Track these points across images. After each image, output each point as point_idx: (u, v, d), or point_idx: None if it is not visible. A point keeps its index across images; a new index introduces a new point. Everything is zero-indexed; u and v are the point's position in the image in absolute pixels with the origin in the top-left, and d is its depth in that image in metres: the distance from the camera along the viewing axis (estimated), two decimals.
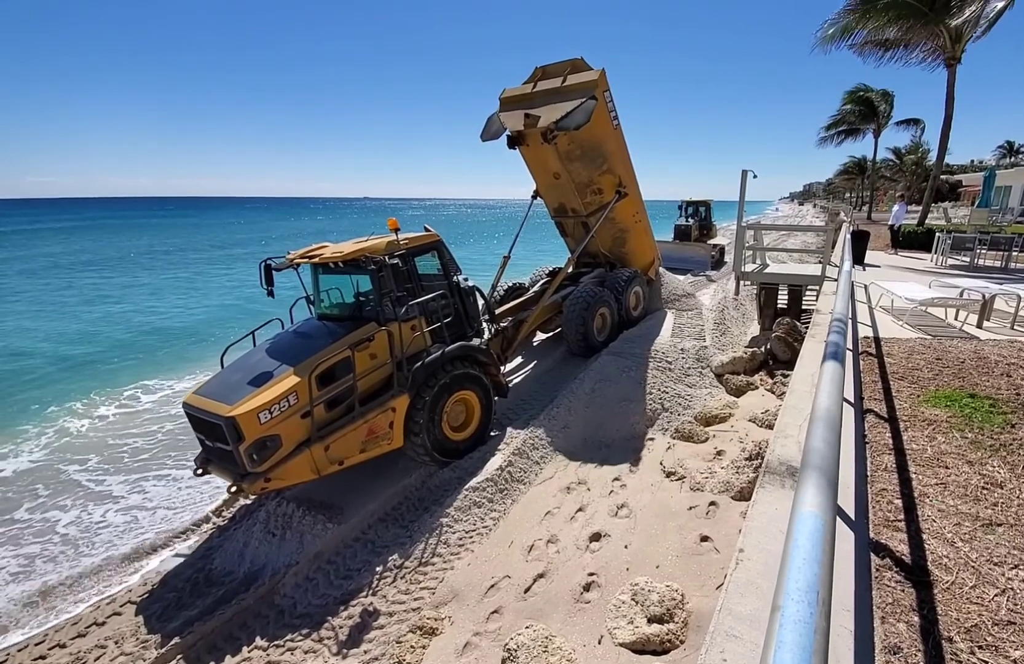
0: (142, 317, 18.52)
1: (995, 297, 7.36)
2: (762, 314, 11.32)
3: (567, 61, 9.37)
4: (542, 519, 5.48)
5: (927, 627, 2.26)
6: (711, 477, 5.55)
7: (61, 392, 11.09)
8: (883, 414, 4.36)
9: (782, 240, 28.68)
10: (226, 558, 5.62)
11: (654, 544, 4.67)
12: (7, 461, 8.14)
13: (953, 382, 4.99)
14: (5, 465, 8.00)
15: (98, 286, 24.74)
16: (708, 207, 21.72)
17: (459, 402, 6.67)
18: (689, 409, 7.58)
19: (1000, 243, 12.37)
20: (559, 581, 4.48)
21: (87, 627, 4.91)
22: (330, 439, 5.46)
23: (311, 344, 5.76)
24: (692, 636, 3.63)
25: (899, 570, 2.60)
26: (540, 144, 8.75)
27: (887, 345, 6.23)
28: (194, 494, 6.97)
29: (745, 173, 10.50)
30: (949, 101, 16.10)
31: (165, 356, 13.99)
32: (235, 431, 4.90)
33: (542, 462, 6.60)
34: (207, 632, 4.65)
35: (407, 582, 4.88)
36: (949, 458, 3.62)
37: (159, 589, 5.33)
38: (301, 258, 6.17)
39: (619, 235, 11.03)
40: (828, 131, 33.07)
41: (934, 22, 14.71)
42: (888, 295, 8.19)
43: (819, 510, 1.56)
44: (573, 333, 9.41)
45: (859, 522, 2.98)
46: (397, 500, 6.10)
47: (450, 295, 6.96)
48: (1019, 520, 2.94)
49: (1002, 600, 2.39)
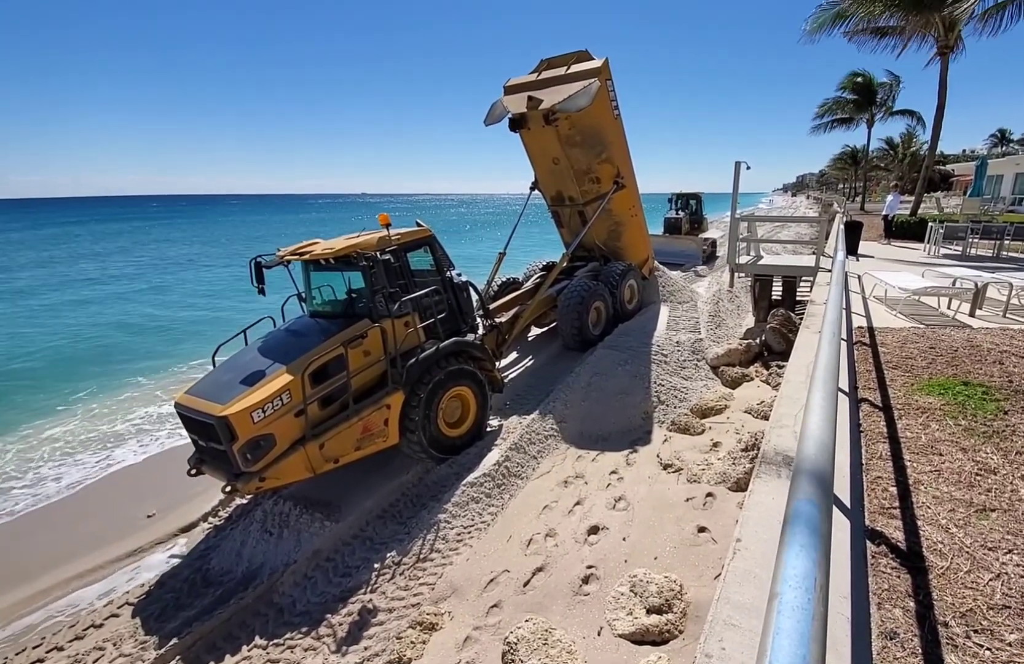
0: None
1: (987, 286, 7.40)
2: (757, 306, 11.35)
3: (572, 53, 9.41)
4: (540, 513, 5.48)
5: (923, 612, 2.27)
6: (708, 468, 5.57)
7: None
8: (877, 403, 4.38)
9: (776, 232, 28.78)
10: (224, 558, 5.60)
11: (652, 536, 4.69)
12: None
13: (946, 370, 5.02)
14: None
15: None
16: (699, 200, 21.58)
17: (455, 398, 6.65)
18: (685, 401, 7.61)
19: (992, 232, 12.44)
20: (558, 574, 4.49)
21: (84, 629, 4.89)
22: (325, 437, 5.44)
23: (304, 342, 5.73)
24: (691, 626, 3.65)
25: (895, 557, 2.62)
26: (542, 127, 8.84)
27: (881, 334, 6.27)
28: (190, 494, 6.93)
29: (738, 165, 10.51)
30: (942, 90, 16.13)
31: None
32: (228, 431, 4.86)
33: (539, 456, 6.60)
34: (206, 632, 4.64)
35: (406, 578, 4.88)
36: (943, 445, 3.64)
37: (157, 590, 5.31)
38: (292, 255, 6.12)
39: (615, 228, 11.02)
40: (822, 117, 33.02)
41: (928, 11, 14.71)
42: (882, 285, 8.23)
43: (815, 498, 1.56)
44: (568, 327, 9.41)
45: (855, 510, 2.99)
46: (394, 497, 6.09)
47: (443, 290, 6.94)
48: (1012, 506, 2.97)
49: (996, 585, 2.41)
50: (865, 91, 30.60)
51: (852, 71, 30.62)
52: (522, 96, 8.90)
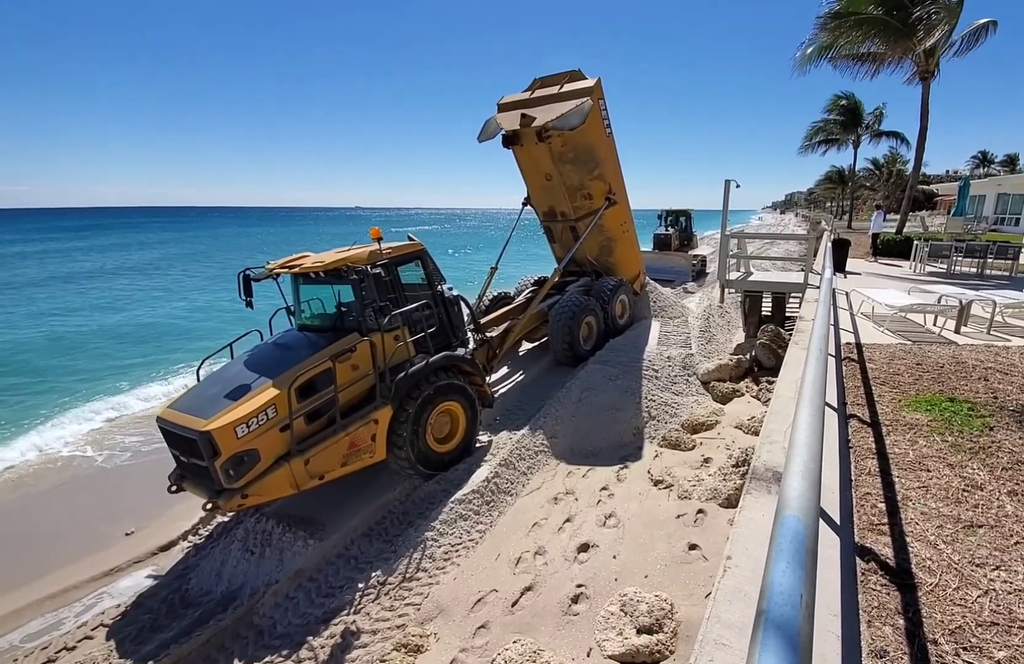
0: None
1: (971, 303, 7.51)
2: (747, 321, 11.43)
3: (565, 72, 9.55)
4: (529, 531, 5.40)
5: (912, 630, 2.25)
6: (698, 485, 5.53)
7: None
8: (866, 419, 4.39)
9: (765, 248, 29.15)
10: (203, 578, 5.45)
11: (643, 553, 4.63)
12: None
13: (933, 387, 5.05)
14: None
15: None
16: (688, 217, 21.82)
17: (444, 413, 6.58)
18: (676, 417, 7.59)
19: (975, 250, 12.68)
20: (547, 593, 4.41)
21: (57, 652, 4.73)
22: (310, 453, 5.34)
23: (291, 355, 5.66)
24: (682, 646, 3.58)
25: (884, 573, 2.59)
26: (534, 144, 8.95)
27: (869, 351, 6.31)
28: (169, 511, 6.76)
29: (728, 183, 10.66)
30: (924, 113, 16.59)
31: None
32: (210, 446, 4.76)
33: (529, 473, 6.53)
34: (183, 655, 4.50)
35: (391, 599, 4.77)
36: (930, 461, 3.64)
37: (133, 611, 5.15)
38: (281, 268, 6.07)
39: (606, 243, 11.10)
40: (810, 140, 33.80)
41: (906, 38, 15.16)
42: (869, 302, 8.32)
43: (801, 513, 1.54)
44: (559, 342, 9.41)
45: (844, 526, 2.97)
46: (380, 514, 5.98)
47: (434, 305, 6.90)
48: (999, 521, 2.96)
49: (985, 601, 2.39)
50: (851, 113, 31.41)
51: (836, 94, 31.50)
52: (515, 114, 9.01)
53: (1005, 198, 25.22)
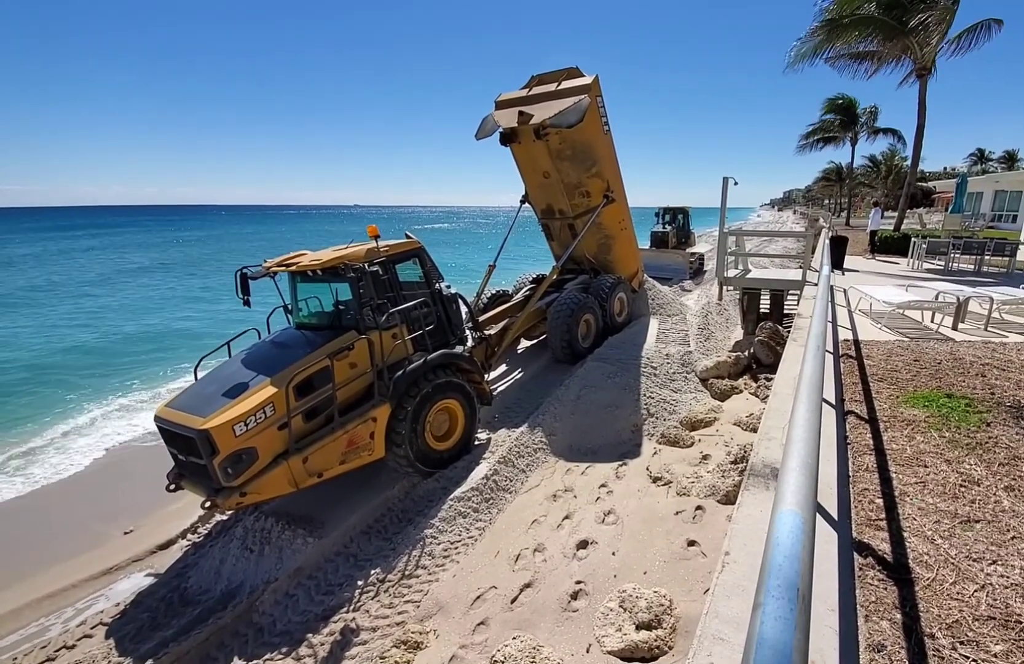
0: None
1: (969, 300, 7.53)
2: (745, 319, 11.45)
3: (562, 69, 9.52)
4: (528, 528, 5.41)
5: (910, 624, 2.26)
6: (697, 481, 5.55)
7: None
8: (864, 415, 4.40)
9: (764, 246, 29.16)
10: (202, 576, 5.45)
11: (641, 550, 4.64)
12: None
13: (930, 383, 5.07)
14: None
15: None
16: (686, 214, 21.78)
17: (442, 411, 6.58)
18: (674, 414, 7.60)
19: (973, 247, 12.70)
20: (546, 590, 4.42)
21: (56, 650, 4.73)
22: (309, 451, 5.34)
23: (289, 354, 5.65)
24: (680, 641, 3.59)
25: (882, 568, 2.61)
26: (532, 141, 8.92)
27: (866, 347, 6.33)
28: (168, 510, 6.76)
29: (726, 180, 10.66)
30: (921, 111, 16.59)
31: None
32: (209, 444, 4.75)
33: (528, 470, 6.54)
34: (183, 653, 4.50)
35: (390, 596, 4.77)
36: (928, 457, 3.65)
37: (132, 609, 5.15)
38: (278, 266, 6.06)
39: (604, 241, 11.09)
40: (807, 139, 33.85)
41: (902, 37, 15.16)
42: (867, 299, 8.33)
43: (798, 508, 1.54)
44: (558, 340, 9.40)
45: (842, 522, 2.98)
46: (379, 512, 5.98)
47: (432, 302, 6.90)
48: (996, 517, 2.97)
49: (982, 596, 2.40)
50: (847, 111, 31.45)
51: (829, 97, 31.58)
52: (513, 111, 8.98)
53: (1002, 195, 25.23)
